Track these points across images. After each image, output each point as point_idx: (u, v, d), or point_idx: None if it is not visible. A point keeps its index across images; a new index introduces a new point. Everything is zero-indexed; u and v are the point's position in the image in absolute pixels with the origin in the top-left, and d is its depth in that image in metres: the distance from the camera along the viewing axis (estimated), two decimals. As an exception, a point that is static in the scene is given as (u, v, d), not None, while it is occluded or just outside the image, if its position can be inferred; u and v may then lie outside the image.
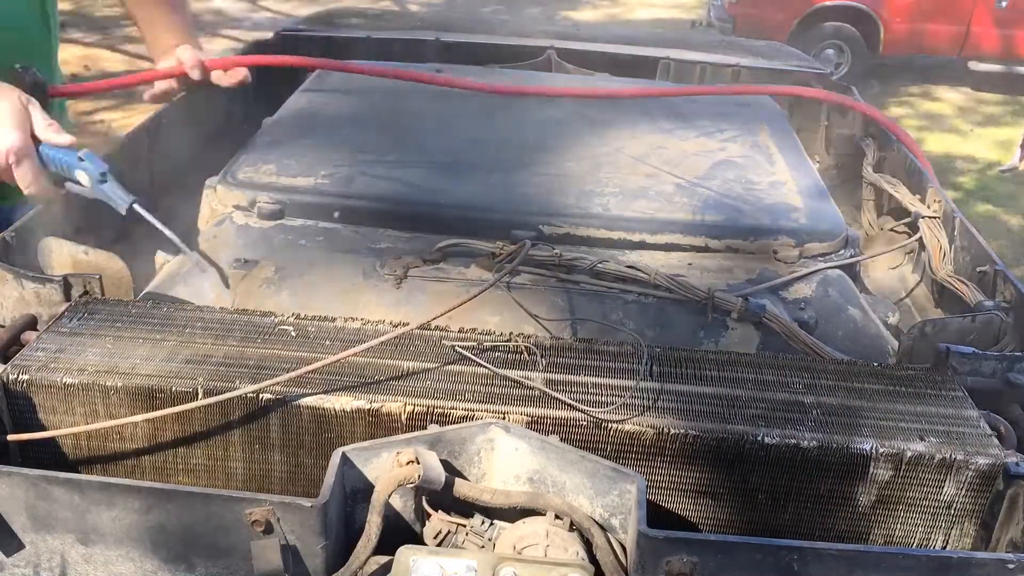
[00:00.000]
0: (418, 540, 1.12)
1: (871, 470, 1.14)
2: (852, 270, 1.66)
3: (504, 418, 1.16)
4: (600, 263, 1.51)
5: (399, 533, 1.10)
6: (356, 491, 1.09)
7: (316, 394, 1.17)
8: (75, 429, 1.17)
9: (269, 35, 2.86)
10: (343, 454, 1.07)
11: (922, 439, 1.15)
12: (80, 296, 1.38)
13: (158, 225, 1.49)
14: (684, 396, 1.21)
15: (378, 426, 1.17)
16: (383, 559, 1.03)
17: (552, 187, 1.74)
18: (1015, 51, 8.16)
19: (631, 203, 1.69)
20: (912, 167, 2.04)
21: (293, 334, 1.28)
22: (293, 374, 1.16)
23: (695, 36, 3.41)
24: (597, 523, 1.08)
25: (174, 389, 1.17)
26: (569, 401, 1.17)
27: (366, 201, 1.67)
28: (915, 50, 8.49)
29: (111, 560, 1.07)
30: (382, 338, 1.22)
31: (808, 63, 2.81)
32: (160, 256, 1.68)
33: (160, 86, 1.97)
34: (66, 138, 1.51)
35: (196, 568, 1.06)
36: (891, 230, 2.03)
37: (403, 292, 1.47)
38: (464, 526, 1.11)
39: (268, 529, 1.01)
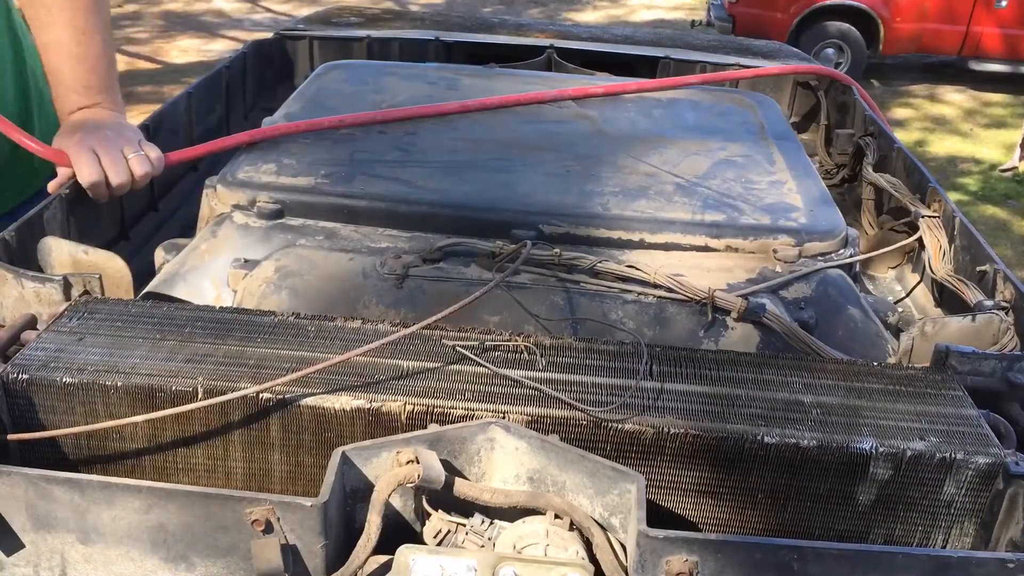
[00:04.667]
0: (418, 539, 1.12)
1: (871, 469, 1.14)
2: (852, 270, 1.67)
3: (504, 417, 1.16)
4: (600, 263, 1.51)
5: (399, 532, 1.11)
6: (356, 490, 1.09)
7: (316, 394, 1.17)
8: (75, 429, 1.17)
9: (269, 35, 2.86)
10: (343, 453, 1.07)
11: (922, 438, 1.15)
12: (80, 296, 1.38)
13: None
14: (684, 395, 1.21)
15: (378, 425, 1.17)
16: (383, 558, 1.03)
17: (552, 187, 1.74)
18: (1016, 51, 8.16)
19: (631, 202, 1.69)
20: (912, 166, 2.04)
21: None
22: (294, 375, 1.16)
23: (695, 36, 3.41)
24: (597, 522, 1.08)
25: (174, 388, 1.17)
26: (569, 400, 1.17)
27: (366, 201, 1.67)
28: (915, 50, 8.49)
29: (111, 560, 1.07)
30: (386, 340, 1.22)
31: (808, 63, 2.82)
32: (160, 256, 1.68)
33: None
34: None
35: (196, 568, 1.06)
36: (891, 230, 2.04)
37: (403, 292, 1.47)
38: (464, 525, 1.11)
39: (268, 528, 1.01)
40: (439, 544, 1.10)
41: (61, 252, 1.51)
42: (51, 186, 1.65)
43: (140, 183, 1.64)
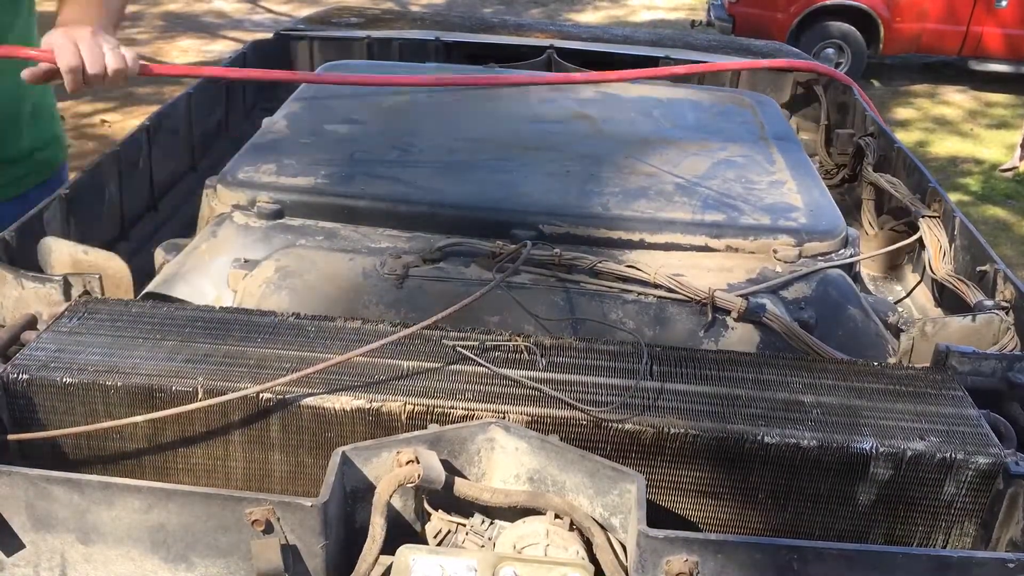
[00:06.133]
0: (418, 539, 1.12)
1: (871, 469, 1.14)
2: (852, 270, 1.66)
3: (504, 417, 1.16)
4: (600, 263, 1.51)
5: (399, 532, 1.10)
6: (356, 490, 1.09)
7: (316, 394, 1.17)
8: (75, 429, 1.17)
9: (269, 35, 2.86)
10: (343, 454, 1.07)
11: (922, 438, 1.15)
12: (80, 296, 1.38)
13: None
14: (684, 395, 1.21)
15: (378, 425, 1.17)
16: (384, 559, 1.03)
17: (552, 187, 1.74)
18: (1016, 51, 8.15)
19: (631, 203, 1.69)
20: (912, 166, 2.04)
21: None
22: (294, 375, 1.16)
23: (695, 36, 3.41)
24: (597, 522, 1.08)
25: (174, 388, 1.17)
26: (569, 400, 1.17)
27: (366, 201, 1.67)
28: (915, 50, 8.49)
29: (111, 560, 1.07)
30: (386, 340, 1.22)
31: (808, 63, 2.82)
32: (160, 255, 1.68)
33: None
34: None
35: (196, 568, 1.06)
36: (891, 229, 2.04)
37: (403, 292, 1.47)
38: (464, 525, 1.11)
39: (268, 528, 1.01)
40: (439, 544, 1.10)
41: (61, 252, 1.51)
42: (25, 73, 1.65)
43: (114, 79, 1.66)
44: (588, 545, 1.07)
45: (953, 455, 1.13)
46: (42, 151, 2.07)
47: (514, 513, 1.10)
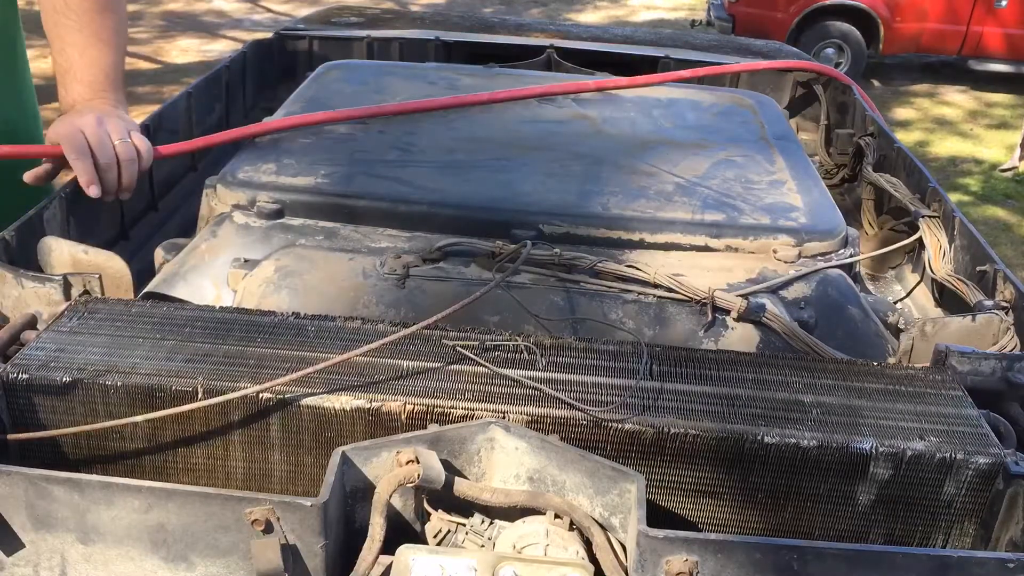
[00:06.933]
0: (418, 539, 1.12)
1: (871, 469, 1.15)
2: (852, 270, 1.67)
3: (504, 417, 1.16)
4: (600, 263, 1.51)
5: (399, 532, 1.11)
6: (356, 490, 1.09)
7: (316, 394, 1.17)
8: (75, 429, 1.17)
9: (269, 35, 2.86)
10: (343, 453, 1.07)
11: (922, 438, 1.15)
12: (80, 295, 1.39)
13: None
14: (684, 395, 1.21)
15: (378, 425, 1.17)
16: (383, 559, 1.03)
17: (552, 187, 1.74)
18: (1016, 51, 8.16)
19: (631, 202, 1.69)
20: (912, 166, 2.04)
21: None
22: (294, 375, 1.16)
23: (695, 36, 3.41)
24: (597, 522, 1.08)
25: (174, 388, 1.17)
26: (569, 400, 1.17)
27: (366, 201, 1.67)
28: (915, 49, 8.50)
29: (111, 559, 1.07)
30: (386, 340, 1.22)
31: (808, 62, 2.82)
32: (160, 256, 1.68)
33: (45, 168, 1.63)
34: None
35: (196, 568, 1.06)
36: (891, 229, 2.04)
37: (403, 292, 1.47)
38: (464, 525, 1.11)
39: (268, 528, 1.01)
40: (439, 544, 1.10)
41: (61, 252, 1.51)
42: (28, 176, 1.60)
43: (127, 172, 1.59)
44: (588, 545, 1.07)
45: (953, 455, 1.13)
46: None
47: (514, 513, 1.10)
